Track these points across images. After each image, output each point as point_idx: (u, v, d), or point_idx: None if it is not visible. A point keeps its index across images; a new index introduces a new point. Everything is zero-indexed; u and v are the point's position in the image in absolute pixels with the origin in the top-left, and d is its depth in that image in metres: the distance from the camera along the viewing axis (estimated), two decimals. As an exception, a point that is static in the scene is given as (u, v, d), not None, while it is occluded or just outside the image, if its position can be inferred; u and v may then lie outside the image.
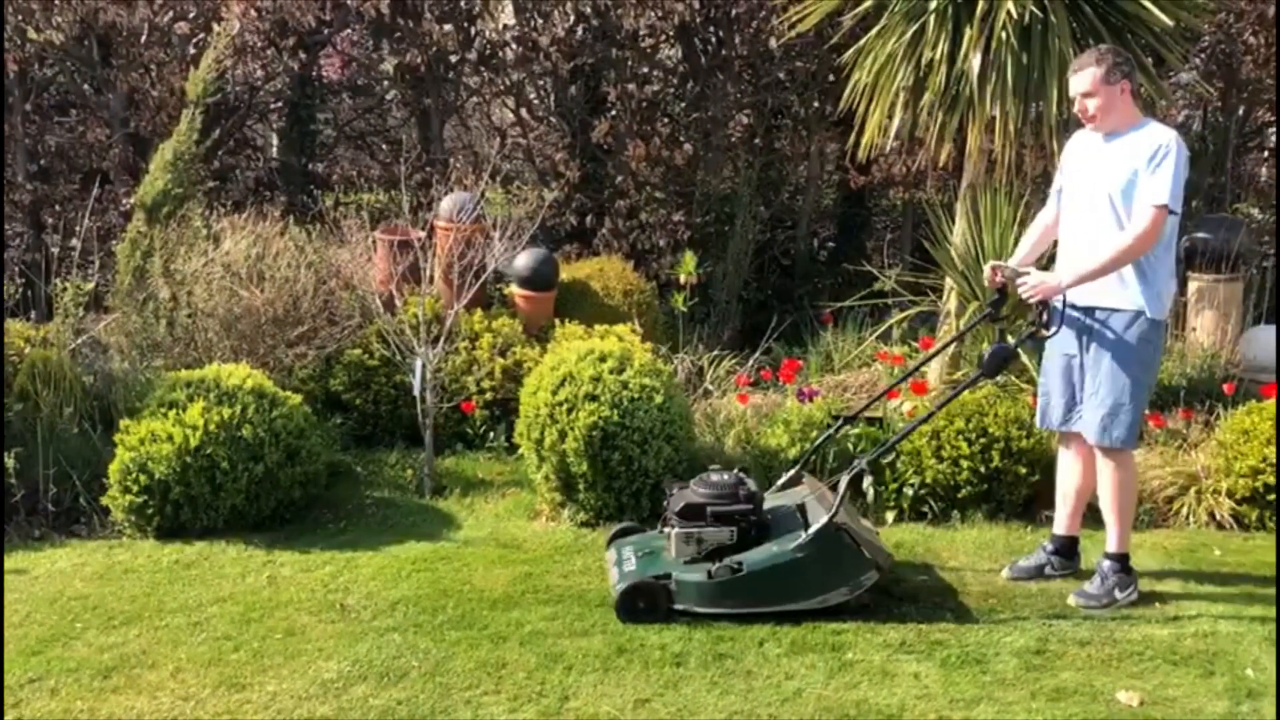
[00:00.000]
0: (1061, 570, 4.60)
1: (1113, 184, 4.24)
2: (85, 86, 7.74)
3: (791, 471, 4.80)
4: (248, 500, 5.01)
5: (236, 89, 8.13)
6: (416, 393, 5.53)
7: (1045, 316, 4.37)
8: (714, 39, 8.04)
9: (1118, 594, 4.36)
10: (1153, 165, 4.14)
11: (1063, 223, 4.51)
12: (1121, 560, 4.42)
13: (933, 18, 5.75)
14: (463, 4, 7.65)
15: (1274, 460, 5.09)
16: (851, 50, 6.28)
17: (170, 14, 7.46)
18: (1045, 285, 4.30)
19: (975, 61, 5.61)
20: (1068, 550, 4.65)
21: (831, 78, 7.55)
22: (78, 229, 6.15)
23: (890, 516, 5.18)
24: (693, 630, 4.08)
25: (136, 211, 6.06)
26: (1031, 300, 4.36)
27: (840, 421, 4.89)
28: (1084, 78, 4.26)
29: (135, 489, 4.90)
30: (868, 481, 5.17)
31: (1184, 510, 5.25)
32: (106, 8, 6.99)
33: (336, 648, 3.99)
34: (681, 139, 7.76)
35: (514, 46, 7.83)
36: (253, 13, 7.14)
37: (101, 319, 6.04)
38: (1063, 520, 4.65)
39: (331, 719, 3.56)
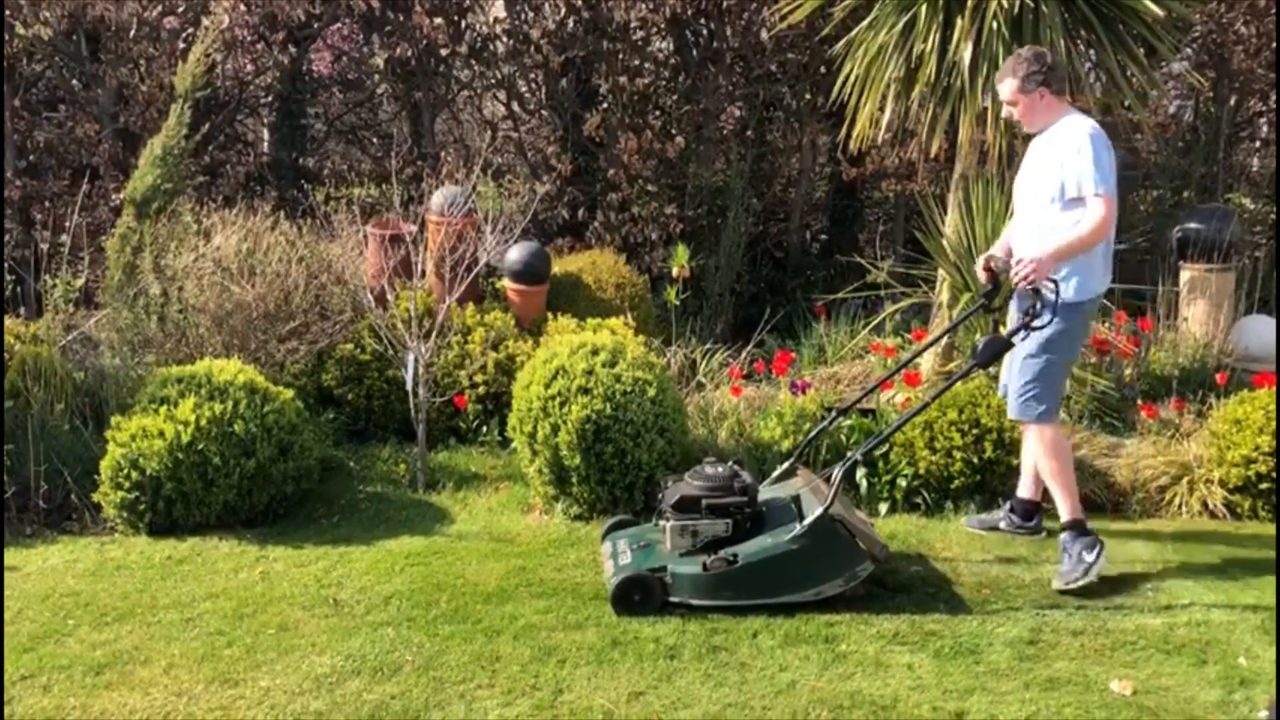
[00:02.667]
0: (1016, 529, 4.83)
1: (1037, 179, 4.52)
2: (74, 82, 7.71)
3: (786, 464, 4.80)
4: (240, 496, 4.99)
5: (226, 84, 8.10)
6: (409, 387, 5.52)
7: (1038, 306, 4.37)
8: (705, 31, 8.03)
9: (1086, 557, 4.44)
10: (1075, 159, 4.35)
11: (1015, 218, 4.75)
12: (1077, 527, 4.52)
13: (924, 9, 5.74)
14: (453, -3, 7.63)
15: (1266, 449, 5.10)
16: (843, 42, 6.28)
17: (159, 8, 7.42)
18: (1030, 263, 4.34)
19: (966, 53, 5.61)
20: (1026, 513, 4.83)
21: (823, 70, 7.55)
22: (67, 225, 6.12)
23: (884, 508, 5.18)
24: (687, 623, 4.08)
25: (126, 207, 6.04)
26: (1026, 287, 4.38)
27: (833, 414, 4.89)
28: (1004, 89, 4.55)
29: (127, 485, 4.89)
30: (861, 473, 5.18)
31: (1177, 500, 5.26)
32: (95, 2, 6.95)
33: (330, 643, 3.98)
34: (673, 132, 7.75)
35: (505, 39, 7.81)
36: (242, 7, 7.11)
37: (92, 315, 6.02)
38: (1026, 486, 4.85)
39: (325, 714, 3.55)
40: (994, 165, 5.92)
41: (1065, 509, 4.55)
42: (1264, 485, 5.14)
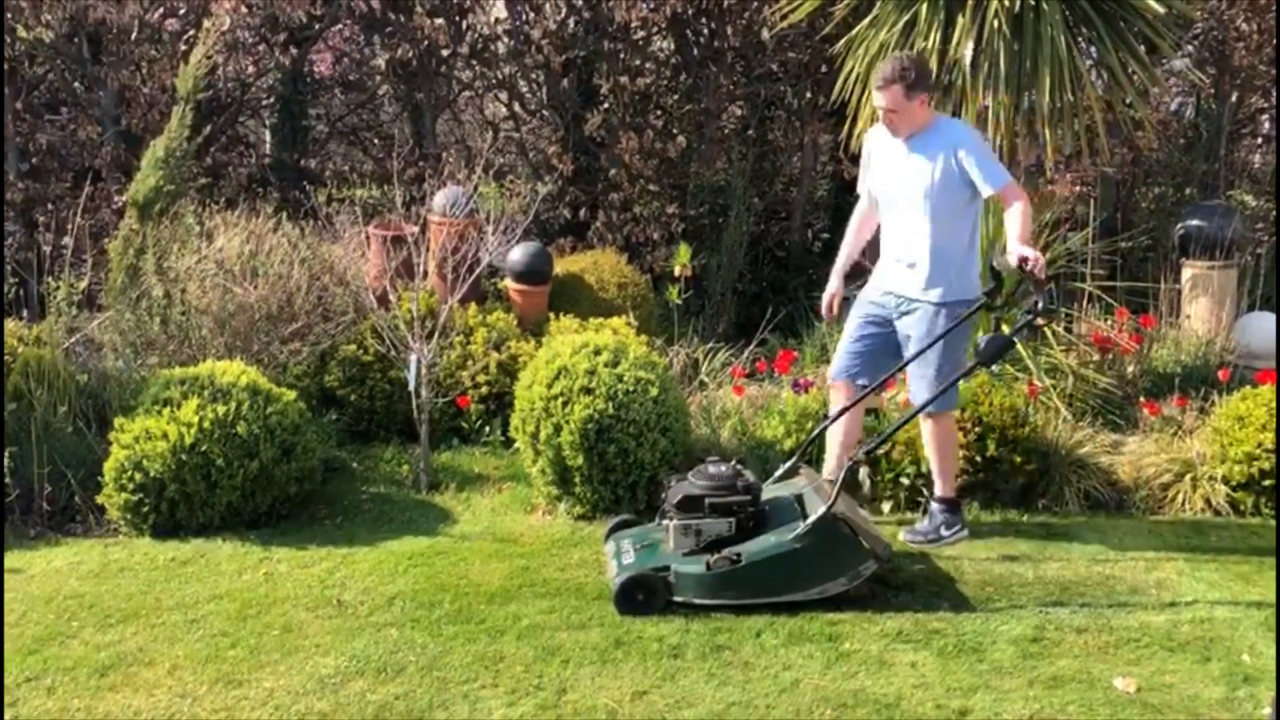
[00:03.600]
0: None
1: (924, 181, 4.56)
2: (76, 84, 7.71)
3: (789, 463, 4.80)
4: (243, 497, 5.00)
5: (228, 85, 8.10)
6: (411, 388, 5.52)
7: (1039, 304, 4.38)
8: (706, 30, 8.02)
9: (944, 532, 4.74)
10: (972, 158, 4.49)
11: (884, 220, 4.81)
12: (948, 504, 4.79)
13: (925, 7, 5.73)
14: (454, -2, 7.63)
15: (1269, 446, 5.10)
16: (844, 41, 6.27)
17: (160, 10, 7.43)
18: (1036, 257, 4.43)
19: (967, 51, 5.60)
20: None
21: (824, 68, 7.54)
22: (70, 227, 6.12)
23: (887, 506, 5.18)
24: (690, 622, 4.08)
25: (129, 209, 6.04)
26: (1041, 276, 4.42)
27: (836, 413, 4.89)
28: (886, 96, 4.54)
29: (130, 487, 4.89)
30: (864, 472, 5.18)
31: (1180, 497, 5.26)
32: (96, 5, 6.95)
33: (333, 643, 3.98)
34: (674, 131, 7.75)
35: (505, 40, 7.81)
36: (243, 8, 7.11)
37: (95, 317, 6.01)
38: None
39: (329, 714, 3.55)
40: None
41: (941, 486, 4.83)
42: (1267, 482, 5.14)
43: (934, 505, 4.84)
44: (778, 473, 4.78)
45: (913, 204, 4.63)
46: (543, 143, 8.24)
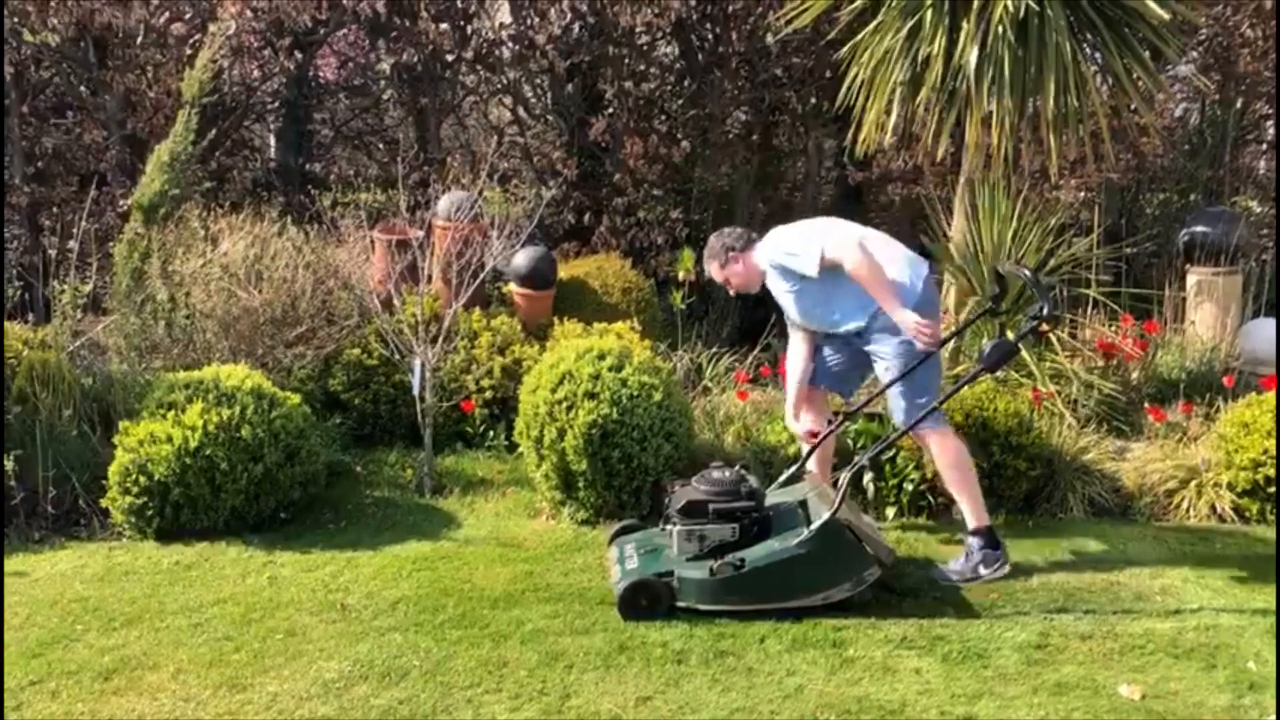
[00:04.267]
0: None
1: (790, 307, 4.77)
2: (81, 88, 7.73)
3: (793, 468, 4.80)
4: (247, 501, 5.00)
5: (233, 89, 8.12)
6: (416, 392, 5.53)
7: (1044, 309, 4.38)
8: (710, 36, 8.04)
9: (982, 570, 4.50)
10: (783, 268, 4.66)
11: (823, 324, 4.79)
12: (982, 534, 4.55)
13: (929, 12, 5.73)
14: (459, 3, 7.64)
15: (1274, 453, 5.09)
16: (848, 46, 6.27)
17: (166, 15, 7.45)
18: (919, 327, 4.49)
19: (972, 56, 5.60)
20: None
21: (828, 74, 7.54)
22: (75, 231, 6.13)
23: (891, 512, 5.17)
24: (694, 627, 4.08)
25: (134, 213, 6.06)
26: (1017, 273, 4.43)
27: (840, 418, 4.89)
28: (714, 275, 4.88)
29: (135, 490, 4.90)
30: (868, 477, 5.17)
31: (1184, 503, 5.25)
32: (102, 9, 6.98)
33: (337, 648, 3.98)
34: (679, 136, 7.76)
35: (510, 45, 7.82)
36: (248, 13, 7.13)
37: (100, 321, 6.03)
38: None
39: (332, 719, 3.55)
40: (1000, 169, 5.91)
41: (970, 516, 4.61)
42: (1272, 489, 5.13)
43: (970, 541, 4.57)
44: (781, 478, 4.77)
45: (817, 299, 4.68)
46: (547, 147, 8.25)
